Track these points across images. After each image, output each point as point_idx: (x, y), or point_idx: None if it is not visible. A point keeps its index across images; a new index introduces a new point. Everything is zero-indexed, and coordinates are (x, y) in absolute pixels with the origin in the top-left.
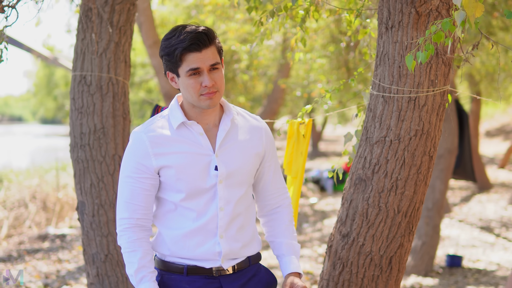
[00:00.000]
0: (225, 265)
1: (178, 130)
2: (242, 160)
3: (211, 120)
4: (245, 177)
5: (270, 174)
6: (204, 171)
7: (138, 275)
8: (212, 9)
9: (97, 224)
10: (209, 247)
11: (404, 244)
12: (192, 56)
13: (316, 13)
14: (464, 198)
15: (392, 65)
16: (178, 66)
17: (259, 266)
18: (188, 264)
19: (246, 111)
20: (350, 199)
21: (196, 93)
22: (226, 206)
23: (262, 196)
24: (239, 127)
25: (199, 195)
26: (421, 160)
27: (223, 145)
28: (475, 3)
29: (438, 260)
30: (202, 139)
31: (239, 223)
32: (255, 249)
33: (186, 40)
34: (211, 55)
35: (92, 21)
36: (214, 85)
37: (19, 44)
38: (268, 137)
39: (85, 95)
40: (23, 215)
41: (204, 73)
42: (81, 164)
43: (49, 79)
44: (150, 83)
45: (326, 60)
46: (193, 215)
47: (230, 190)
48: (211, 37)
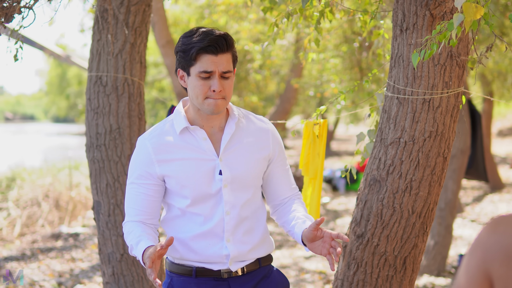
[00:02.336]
0: (233, 268)
1: (182, 136)
2: (247, 163)
3: (216, 124)
4: (251, 181)
5: (279, 175)
6: (209, 176)
7: (135, 240)
8: (225, 9)
9: (113, 224)
10: (217, 250)
11: (418, 245)
12: (207, 58)
13: (331, 14)
14: (476, 198)
15: (406, 67)
16: (191, 65)
17: (270, 268)
18: (196, 266)
19: (252, 113)
20: (364, 200)
21: (203, 95)
22: (232, 210)
23: (273, 197)
24: (244, 130)
25: (205, 200)
26: (435, 161)
27: (227, 149)
28: (475, 8)
29: (451, 260)
30: (205, 144)
31: (247, 226)
32: (266, 251)
33: (205, 41)
34: (226, 61)
35: (108, 22)
36: (222, 91)
37: (31, 42)
38: (275, 139)
39: (101, 95)
40: (36, 214)
41: (215, 78)
42: (97, 164)
43: (61, 77)
44: (163, 82)
45: (339, 60)
46: (200, 220)
47: (235, 194)
48: (229, 44)
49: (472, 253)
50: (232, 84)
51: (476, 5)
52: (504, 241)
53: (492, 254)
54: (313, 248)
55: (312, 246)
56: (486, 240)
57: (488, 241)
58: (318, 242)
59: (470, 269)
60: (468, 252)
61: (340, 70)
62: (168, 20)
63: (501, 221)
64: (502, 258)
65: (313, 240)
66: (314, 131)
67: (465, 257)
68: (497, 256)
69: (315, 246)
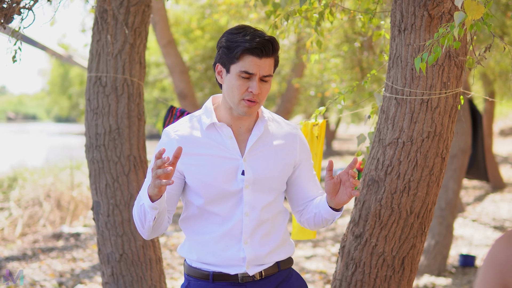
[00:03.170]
0: (251, 272)
1: (207, 132)
2: (271, 166)
3: (244, 125)
4: (274, 184)
5: (305, 181)
6: (231, 175)
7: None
8: (226, 9)
9: (112, 224)
10: (233, 252)
11: (416, 245)
12: (251, 59)
13: (331, 15)
14: (477, 197)
15: (404, 67)
16: (232, 63)
17: (290, 271)
18: (214, 271)
19: (282, 117)
20: (363, 200)
21: (239, 95)
22: (251, 211)
23: (297, 203)
24: (272, 133)
25: (225, 199)
26: (433, 161)
27: (252, 150)
28: (476, 6)
29: (451, 259)
30: (230, 142)
31: (266, 229)
32: (286, 254)
33: (253, 42)
34: (268, 66)
35: (107, 23)
36: (259, 94)
37: (33, 42)
38: (303, 145)
39: (100, 96)
40: (38, 213)
41: (254, 80)
42: (96, 164)
43: (63, 77)
44: (164, 82)
45: (340, 59)
46: (219, 220)
47: (256, 195)
48: (275, 49)
49: (488, 268)
50: (269, 88)
51: (476, 2)
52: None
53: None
54: (341, 198)
55: (339, 199)
56: (501, 254)
57: (504, 255)
58: (341, 190)
59: (486, 285)
60: (483, 267)
61: (341, 69)
62: (169, 20)
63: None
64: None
65: (336, 190)
66: (313, 132)
67: (480, 273)
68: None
69: (341, 196)
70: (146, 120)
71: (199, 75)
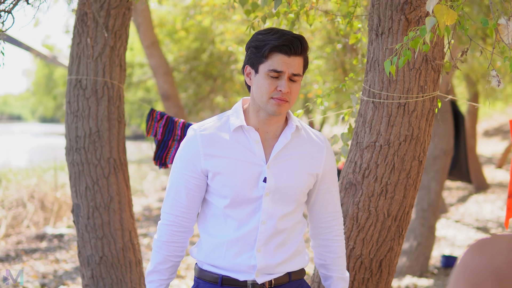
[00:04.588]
0: (260, 280)
1: (234, 134)
2: (294, 176)
3: (271, 130)
4: (295, 195)
5: (326, 196)
6: (252, 180)
7: (149, 277)
8: (210, 10)
9: (92, 227)
10: (244, 259)
11: (394, 248)
12: (279, 57)
13: (312, 17)
14: (460, 198)
15: (382, 71)
16: (261, 62)
17: (301, 283)
18: (223, 275)
19: (311, 127)
20: (340, 203)
21: (268, 94)
22: (268, 220)
23: (315, 218)
24: (299, 142)
25: (243, 205)
26: (410, 164)
27: (277, 158)
28: (446, 10)
29: (434, 260)
30: (256, 147)
31: (281, 239)
32: (299, 265)
33: (281, 39)
34: (297, 64)
35: (87, 26)
36: (288, 93)
37: (18, 43)
38: (330, 157)
39: (80, 98)
40: (21, 214)
41: (283, 78)
42: (77, 167)
43: (48, 78)
44: (148, 83)
45: (322, 61)
46: (235, 224)
47: (275, 204)
48: (304, 47)
49: (460, 278)
50: (299, 88)
51: (447, 7)
52: (493, 263)
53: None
54: None
55: None
56: (473, 264)
57: (476, 265)
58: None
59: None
60: (454, 276)
61: (323, 71)
62: (154, 21)
63: (486, 243)
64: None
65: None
66: None
67: (451, 282)
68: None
69: None
70: (131, 121)
71: (183, 76)
